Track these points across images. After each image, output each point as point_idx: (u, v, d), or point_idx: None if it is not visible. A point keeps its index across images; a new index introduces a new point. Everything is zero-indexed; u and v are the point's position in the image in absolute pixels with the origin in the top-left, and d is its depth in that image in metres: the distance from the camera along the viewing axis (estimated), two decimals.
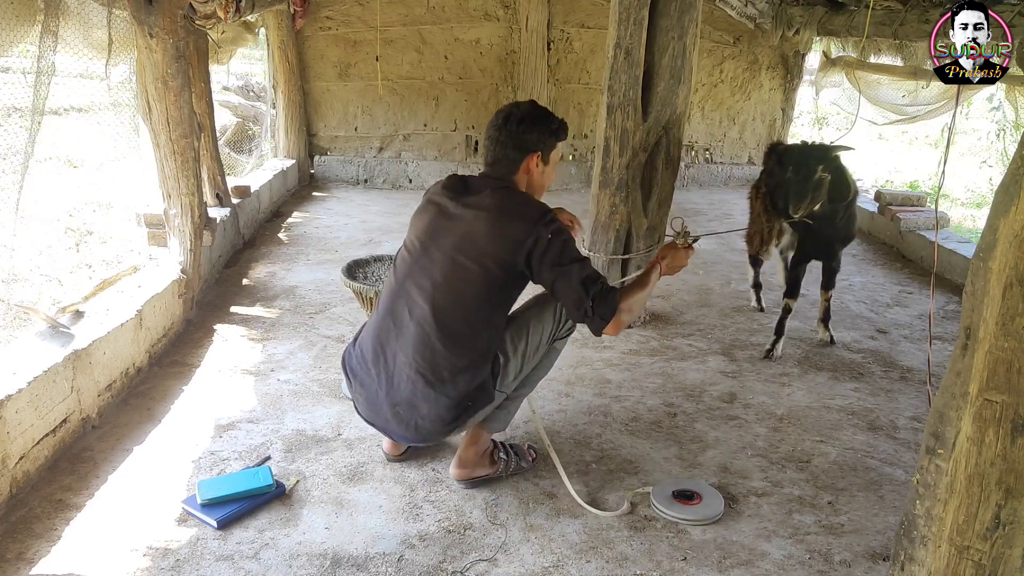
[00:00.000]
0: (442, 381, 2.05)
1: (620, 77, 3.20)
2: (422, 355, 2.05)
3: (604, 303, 1.99)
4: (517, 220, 2.03)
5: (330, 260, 4.39)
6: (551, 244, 2.00)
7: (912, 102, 5.08)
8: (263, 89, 7.55)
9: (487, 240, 2.03)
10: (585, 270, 2.01)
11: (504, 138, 2.12)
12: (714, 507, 2.15)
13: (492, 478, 2.28)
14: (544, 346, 2.23)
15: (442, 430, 2.12)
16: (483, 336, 2.09)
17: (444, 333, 2.04)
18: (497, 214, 2.05)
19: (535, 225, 2.01)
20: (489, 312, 2.09)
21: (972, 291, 1.28)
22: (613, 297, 2.01)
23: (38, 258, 4.07)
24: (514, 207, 2.07)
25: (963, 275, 2.18)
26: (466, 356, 2.06)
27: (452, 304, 2.05)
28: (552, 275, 2.01)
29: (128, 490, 2.17)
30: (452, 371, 2.05)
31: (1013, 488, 1.28)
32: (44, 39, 2.44)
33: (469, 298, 2.05)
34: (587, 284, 1.99)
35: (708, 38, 6.40)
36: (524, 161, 2.12)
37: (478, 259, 2.04)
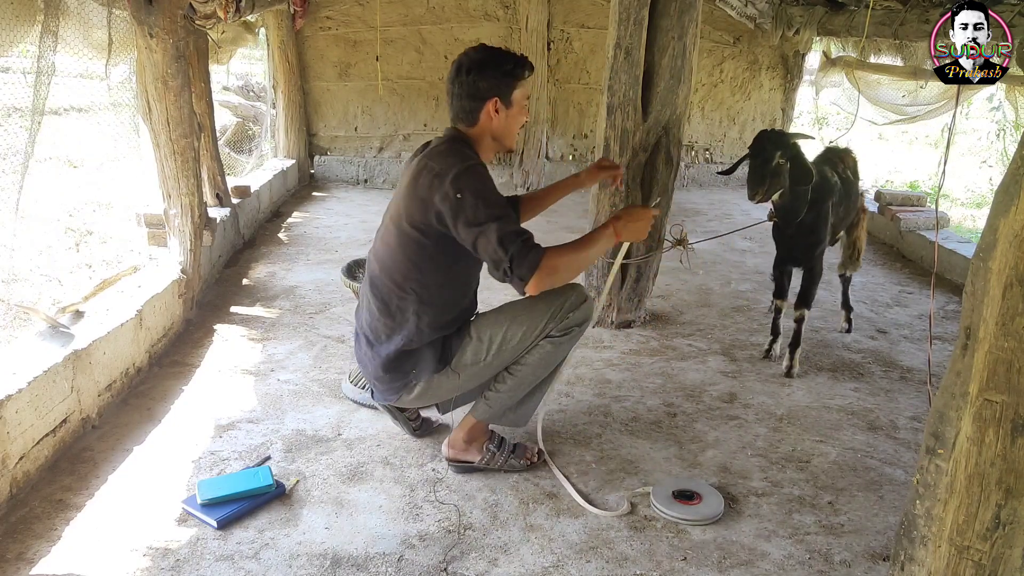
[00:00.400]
0: (378, 341, 2.16)
1: (620, 77, 3.20)
2: (366, 316, 2.20)
3: (522, 262, 1.90)
4: (428, 177, 1.99)
5: (330, 260, 4.39)
6: (461, 203, 1.93)
7: (912, 102, 5.08)
8: (263, 89, 7.56)
9: (403, 200, 2.06)
10: (504, 227, 1.92)
11: (457, 90, 2.08)
12: (714, 507, 2.15)
13: (477, 467, 2.30)
14: (527, 341, 2.14)
15: (388, 391, 2.22)
16: (412, 300, 2.09)
17: (376, 295, 2.16)
18: (415, 173, 2.04)
19: (443, 182, 1.95)
20: (417, 275, 2.08)
21: (972, 291, 1.28)
22: (534, 255, 1.91)
23: (38, 258, 4.07)
24: (432, 163, 2.01)
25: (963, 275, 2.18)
26: (395, 318, 2.12)
27: (382, 266, 2.14)
28: (471, 235, 1.94)
29: (128, 490, 2.17)
30: (385, 332, 2.14)
31: (1013, 488, 1.28)
32: (44, 39, 2.44)
33: (393, 260, 2.11)
34: (504, 242, 1.90)
35: (708, 38, 6.40)
36: (482, 110, 2.07)
37: (397, 221, 2.08)
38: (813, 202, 2.93)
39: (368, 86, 6.46)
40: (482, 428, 2.30)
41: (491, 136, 2.13)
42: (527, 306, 2.15)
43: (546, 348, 2.17)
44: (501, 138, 2.14)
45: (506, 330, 2.13)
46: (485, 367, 2.17)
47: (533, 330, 2.13)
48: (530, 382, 2.24)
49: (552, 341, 2.17)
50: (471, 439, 2.30)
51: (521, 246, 1.92)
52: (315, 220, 5.38)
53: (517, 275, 1.92)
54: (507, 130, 2.13)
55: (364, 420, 2.60)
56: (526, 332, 2.13)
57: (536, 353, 2.18)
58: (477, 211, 1.93)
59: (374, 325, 2.17)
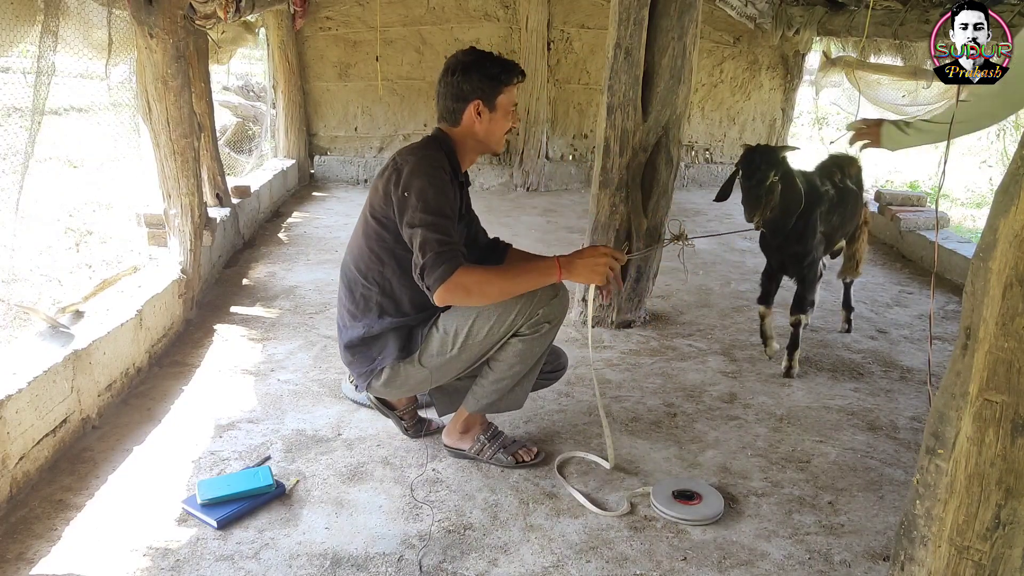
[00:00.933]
0: (345, 327, 2.25)
1: (620, 77, 3.20)
2: (339, 302, 2.29)
3: (433, 271, 1.92)
4: (391, 171, 2.08)
5: (330, 260, 4.39)
6: (406, 201, 2.00)
7: (912, 102, 5.08)
8: (263, 89, 7.56)
9: (373, 190, 2.15)
10: (430, 233, 1.94)
11: (443, 90, 2.15)
12: (714, 507, 2.15)
13: (467, 455, 2.37)
14: (495, 336, 2.11)
15: (358, 376, 2.27)
16: (375, 291, 2.17)
17: (344, 283, 2.26)
18: (384, 166, 2.13)
19: (399, 178, 2.03)
20: (379, 267, 2.16)
21: (972, 291, 1.28)
22: (446, 268, 1.92)
23: (38, 258, 4.07)
24: (398, 158, 2.09)
25: (963, 275, 2.18)
26: (359, 305, 2.20)
27: (351, 256, 2.23)
28: (407, 235, 2.02)
29: (128, 490, 2.17)
30: (350, 318, 2.23)
31: (1013, 488, 1.28)
32: (44, 39, 2.44)
33: (360, 251, 2.19)
34: (424, 247, 1.94)
35: (708, 38, 6.40)
36: (465, 111, 2.12)
37: (365, 213, 2.17)
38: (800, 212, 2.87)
39: (368, 86, 6.46)
40: (477, 418, 2.36)
41: (473, 138, 2.16)
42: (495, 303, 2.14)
43: (517, 347, 2.15)
44: (484, 141, 2.17)
45: (472, 324, 2.11)
46: (453, 360, 2.17)
47: (501, 325, 2.10)
48: (511, 377, 2.21)
49: (523, 340, 2.13)
50: (466, 428, 2.37)
51: (436, 256, 1.93)
52: (315, 220, 5.38)
53: (426, 283, 1.97)
54: (490, 134, 2.16)
55: (364, 420, 2.60)
56: (493, 327, 2.10)
57: (508, 351, 2.16)
58: (415, 212, 1.98)
59: (341, 311, 2.28)
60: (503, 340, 2.14)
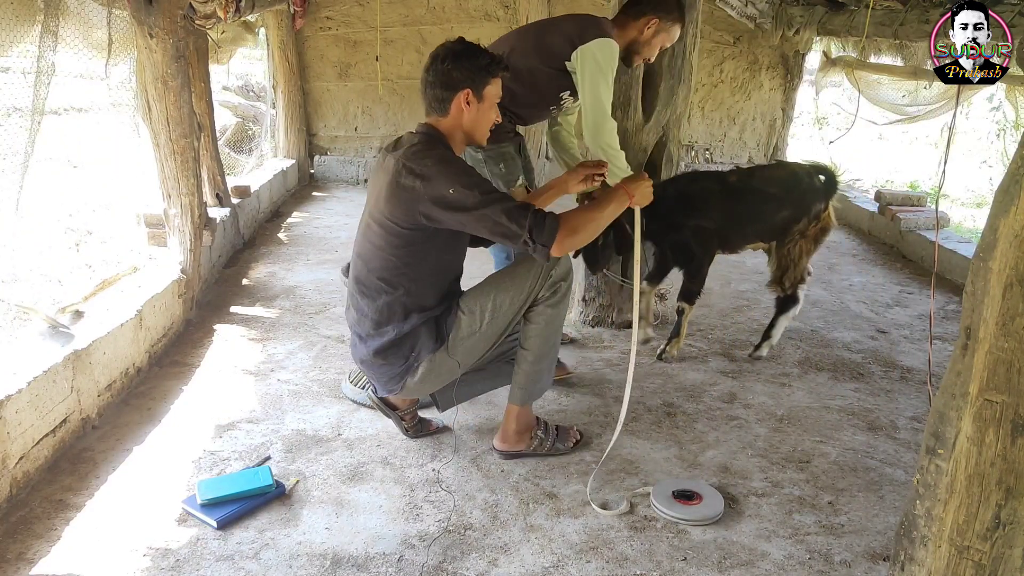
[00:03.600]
0: (369, 336, 2.19)
1: (620, 77, 3.19)
2: (354, 315, 2.23)
3: (542, 229, 1.98)
4: (410, 179, 2.03)
5: (330, 260, 4.39)
6: (456, 197, 1.99)
7: (912, 102, 5.08)
8: (263, 89, 7.55)
9: (386, 202, 2.08)
10: (507, 203, 1.99)
11: (432, 78, 2.11)
12: (714, 507, 2.15)
13: (526, 454, 2.38)
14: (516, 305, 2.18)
15: (389, 379, 2.24)
16: (401, 294, 2.14)
17: (365, 294, 2.18)
18: (395, 173, 2.06)
19: (430, 184, 2.00)
20: (406, 270, 2.13)
21: (972, 291, 1.28)
22: (551, 220, 2.00)
23: (38, 258, 4.06)
24: (412, 165, 2.04)
25: (963, 275, 2.18)
26: (383, 313, 2.15)
27: (370, 267, 2.16)
28: (471, 220, 2.01)
29: (128, 490, 2.17)
30: (375, 327, 2.17)
31: (1013, 488, 1.28)
32: (44, 39, 2.44)
33: (382, 260, 2.13)
34: (514, 216, 1.97)
35: (708, 38, 6.40)
36: (454, 100, 2.10)
37: (381, 221, 2.11)
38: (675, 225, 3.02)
39: (368, 86, 6.46)
40: (528, 415, 2.38)
41: (462, 130, 2.16)
42: (509, 273, 2.22)
43: (546, 313, 2.22)
44: (471, 132, 2.17)
45: (494, 298, 2.18)
46: (481, 338, 2.21)
47: (520, 293, 2.18)
48: (547, 351, 2.29)
49: (548, 304, 2.21)
50: (522, 428, 2.37)
51: (534, 216, 1.99)
52: (315, 220, 5.38)
53: (539, 242, 1.99)
54: (477, 124, 2.16)
55: (364, 420, 2.60)
56: (514, 296, 2.18)
57: (539, 322, 2.23)
58: (473, 198, 1.99)
59: (361, 323, 2.21)
60: (524, 308, 2.20)
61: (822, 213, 3.13)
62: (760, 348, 3.23)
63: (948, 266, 4.33)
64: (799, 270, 3.20)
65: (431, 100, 2.14)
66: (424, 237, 2.09)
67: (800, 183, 3.13)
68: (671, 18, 2.64)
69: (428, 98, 2.14)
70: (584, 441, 2.50)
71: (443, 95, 2.11)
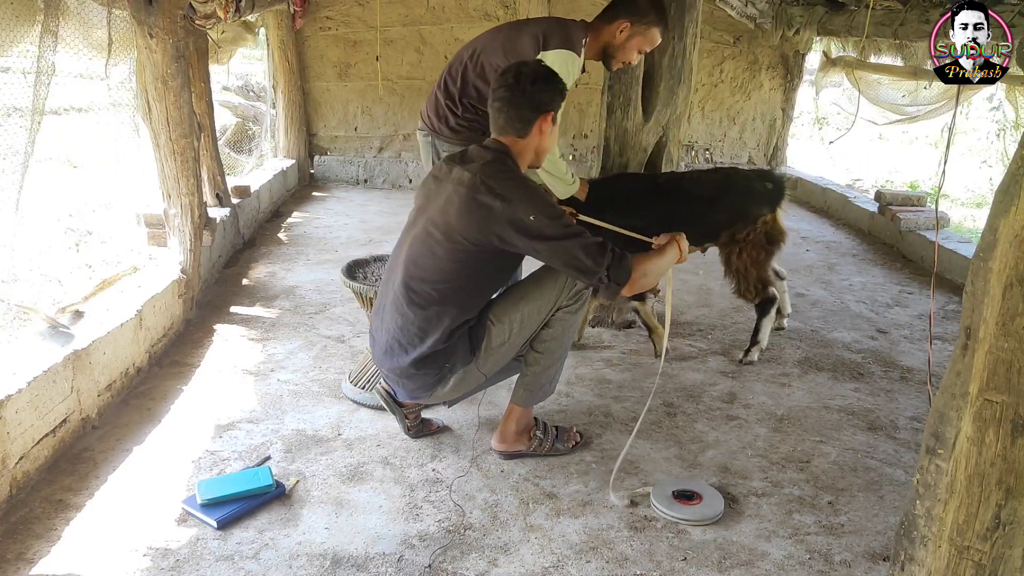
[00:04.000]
0: (411, 344, 2.16)
1: (620, 77, 3.20)
2: (396, 320, 2.18)
3: (620, 269, 2.03)
4: (488, 197, 2.02)
5: (330, 260, 4.39)
6: (535, 224, 2.00)
7: (912, 102, 5.08)
8: (263, 89, 7.55)
9: (459, 211, 2.06)
10: (587, 240, 2.02)
11: (518, 98, 2.09)
12: (714, 507, 2.15)
13: (526, 454, 2.38)
14: (542, 314, 2.20)
15: (421, 388, 2.23)
16: (452, 305, 2.12)
17: (412, 298, 2.14)
18: (473, 189, 2.04)
19: (509, 206, 2.00)
20: (465, 283, 2.12)
21: (972, 291, 1.28)
22: (627, 262, 2.05)
23: (38, 258, 4.06)
24: (491, 183, 2.03)
25: (963, 275, 2.18)
26: (431, 322, 2.13)
27: (422, 274, 2.13)
28: (547, 249, 2.03)
29: (128, 490, 2.17)
30: (419, 336, 2.14)
31: (1013, 488, 1.28)
32: (44, 39, 2.44)
33: (441, 272, 2.11)
34: (593, 253, 2.01)
35: (708, 38, 6.40)
36: (537, 122, 2.11)
37: (447, 232, 2.08)
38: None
39: (368, 86, 6.46)
40: (528, 416, 2.38)
41: (534, 151, 2.17)
42: (535, 283, 2.23)
43: (565, 319, 2.25)
44: (540, 153, 2.20)
45: (522, 309, 2.20)
46: (509, 347, 2.23)
47: (547, 304, 2.21)
48: (561, 354, 2.32)
49: (567, 311, 2.24)
50: (521, 428, 2.38)
51: (613, 255, 2.03)
52: (315, 220, 5.38)
53: (615, 281, 2.03)
54: (543, 149, 2.19)
55: (364, 420, 2.60)
56: (540, 307, 2.20)
57: (556, 326, 2.25)
58: (553, 229, 2.01)
59: (407, 329, 2.16)
60: (549, 316, 2.22)
61: (764, 219, 3.05)
62: (750, 353, 3.20)
63: (948, 266, 4.33)
64: (753, 278, 3.13)
65: (513, 120, 2.11)
66: (489, 256, 2.10)
67: (734, 187, 3.08)
68: (645, 21, 2.62)
69: (509, 117, 2.11)
70: (584, 441, 2.50)
71: (528, 116, 2.10)
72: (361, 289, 2.67)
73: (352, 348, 3.17)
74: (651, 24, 2.64)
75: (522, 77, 2.09)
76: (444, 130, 2.89)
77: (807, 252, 4.93)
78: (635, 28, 2.62)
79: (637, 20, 2.62)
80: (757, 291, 3.14)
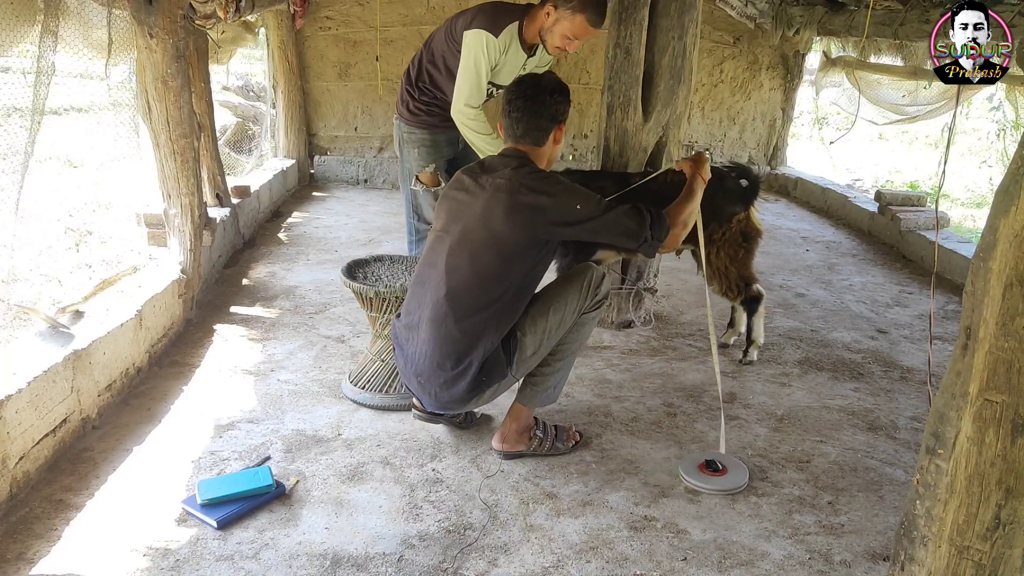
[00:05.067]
0: (454, 358, 2.16)
1: (620, 77, 3.20)
2: (437, 333, 2.16)
3: (660, 227, 2.20)
4: (537, 195, 2.11)
5: (330, 260, 4.39)
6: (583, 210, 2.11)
7: (912, 102, 5.08)
8: (263, 89, 7.55)
9: (505, 217, 2.11)
10: (624, 207, 2.16)
11: (538, 108, 2.18)
12: (739, 478, 2.30)
13: (527, 454, 2.39)
14: (567, 323, 2.26)
15: (456, 403, 2.25)
16: (495, 317, 2.15)
17: (457, 314, 2.14)
18: (514, 192, 2.12)
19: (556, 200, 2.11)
20: (505, 288, 2.15)
21: (972, 291, 1.28)
22: (662, 218, 2.21)
23: (38, 258, 4.06)
24: (533, 183, 2.14)
25: (963, 275, 2.18)
26: (477, 336, 2.15)
27: (467, 282, 2.14)
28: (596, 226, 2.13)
29: (128, 490, 2.17)
30: (464, 350, 2.15)
31: (1013, 488, 1.28)
32: (44, 39, 2.44)
33: (482, 276, 2.13)
34: (634, 217, 2.16)
35: (708, 38, 6.40)
36: (553, 131, 2.21)
37: (493, 237, 2.12)
38: None
39: (368, 86, 6.46)
40: (529, 417, 2.39)
41: (547, 159, 2.25)
42: (559, 291, 2.27)
43: (583, 322, 2.31)
44: (550, 162, 2.28)
45: (549, 318, 2.23)
46: (538, 356, 2.27)
47: (571, 311, 2.26)
48: (571, 357, 2.37)
49: (587, 315, 2.30)
50: (522, 429, 2.39)
51: (652, 215, 2.19)
52: (315, 220, 5.38)
53: (657, 237, 2.20)
54: (555, 155, 2.28)
55: (364, 420, 2.60)
56: (564, 315, 2.25)
57: (576, 329, 2.29)
58: (597, 207, 2.14)
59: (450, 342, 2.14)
60: (574, 321, 2.28)
61: (738, 217, 3.00)
62: (748, 353, 3.20)
63: (948, 266, 4.33)
64: (734, 276, 3.09)
65: (532, 130, 2.20)
66: (533, 256, 2.16)
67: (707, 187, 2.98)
68: (570, 7, 2.65)
69: (530, 126, 2.20)
70: (584, 441, 2.50)
71: (547, 126, 2.21)
72: (361, 289, 2.67)
73: (352, 348, 3.18)
74: (576, 10, 2.65)
75: (540, 89, 2.18)
76: (405, 113, 3.08)
77: (807, 252, 4.94)
78: (560, 13, 2.65)
79: (562, 5, 2.66)
80: (739, 289, 3.12)
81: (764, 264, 3.80)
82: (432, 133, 3.05)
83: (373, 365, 2.72)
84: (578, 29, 2.68)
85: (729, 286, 3.12)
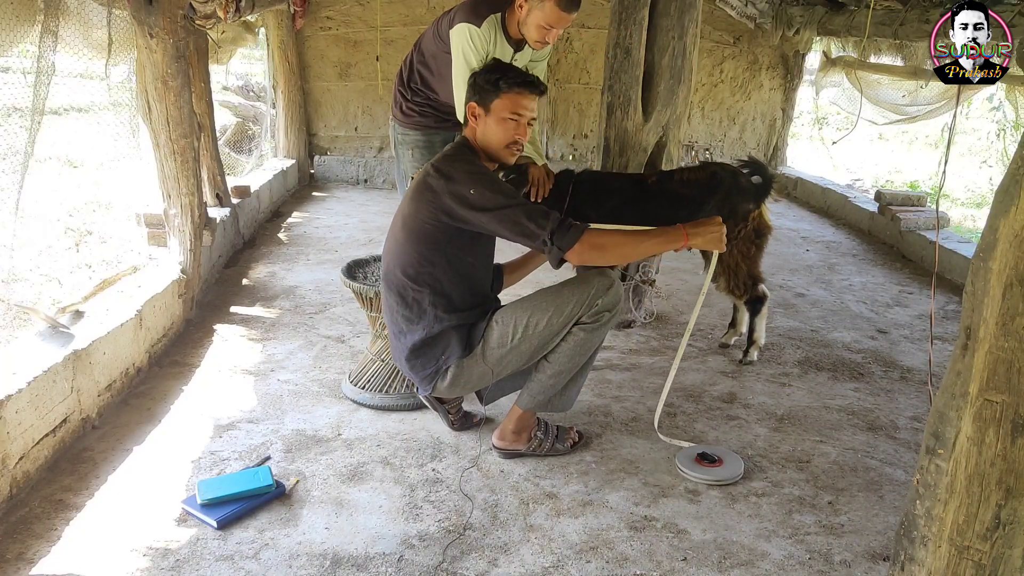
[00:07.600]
0: (402, 333, 2.26)
1: (620, 77, 3.20)
2: (386, 312, 2.31)
3: (564, 233, 2.06)
4: (435, 179, 2.14)
5: (330, 260, 4.39)
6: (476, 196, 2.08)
7: (912, 102, 5.08)
8: (263, 89, 7.55)
9: (412, 201, 2.19)
10: (531, 207, 2.10)
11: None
12: (734, 469, 2.33)
13: (524, 454, 2.39)
14: (553, 327, 2.18)
15: (423, 380, 2.29)
16: (427, 292, 2.20)
17: (392, 290, 2.26)
18: (422, 174, 2.19)
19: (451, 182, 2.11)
20: (429, 268, 2.19)
21: (972, 291, 1.28)
22: (575, 229, 2.06)
23: (38, 258, 4.06)
24: (439, 165, 2.17)
25: (963, 275, 2.18)
26: (412, 309, 2.22)
27: (396, 262, 2.24)
28: (492, 220, 2.09)
29: (128, 490, 2.17)
30: (406, 323, 2.24)
31: (1013, 488, 1.28)
32: (44, 39, 2.44)
33: (405, 256, 2.21)
34: (536, 217, 2.07)
35: (708, 38, 6.40)
36: (467, 112, 2.24)
37: (404, 217, 2.22)
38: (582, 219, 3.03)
39: (368, 86, 6.46)
40: (530, 418, 2.39)
41: (483, 141, 2.23)
42: (553, 293, 2.24)
43: (579, 336, 2.22)
44: (485, 146, 2.23)
45: (530, 316, 2.20)
46: (512, 352, 2.22)
47: (559, 316, 2.19)
48: (569, 369, 2.29)
49: (584, 329, 2.21)
50: (520, 428, 2.39)
51: (558, 222, 2.07)
52: (315, 220, 5.38)
53: (557, 245, 2.06)
54: (487, 138, 2.22)
55: (364, 420, 2.60)
56: (551, 318, 2.19)
57: (570, 341, 2.24)
58: (496, 198, 2.09)
59: (395, 319, 2.27)
60: (563, 331, 2.21)
61: (751, 214, 2.98)
62: (749, 353, 3.19)
63: (948, 266, 4.33)
64: (743, 274, 3.07)
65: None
66: (446, 237, 2.17)
67: (721, 185, 2.93)
68: None
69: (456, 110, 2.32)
70: (584, 441, 2.50)
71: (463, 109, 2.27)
72: (361, 289, 2.67)
73: (352, 348, 3.18)
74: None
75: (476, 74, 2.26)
76: (399, 114, 3.09)
77: (807, 252, 4.94)
78: (531, 3, 2.63)
79: None
80: (746, 287, 3.11)
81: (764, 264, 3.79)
82: (426, 134, 3.05)
83: (373, 365, 2.72)
84: (551, 17, 2.63)
85: (737, 283, 3.11)
